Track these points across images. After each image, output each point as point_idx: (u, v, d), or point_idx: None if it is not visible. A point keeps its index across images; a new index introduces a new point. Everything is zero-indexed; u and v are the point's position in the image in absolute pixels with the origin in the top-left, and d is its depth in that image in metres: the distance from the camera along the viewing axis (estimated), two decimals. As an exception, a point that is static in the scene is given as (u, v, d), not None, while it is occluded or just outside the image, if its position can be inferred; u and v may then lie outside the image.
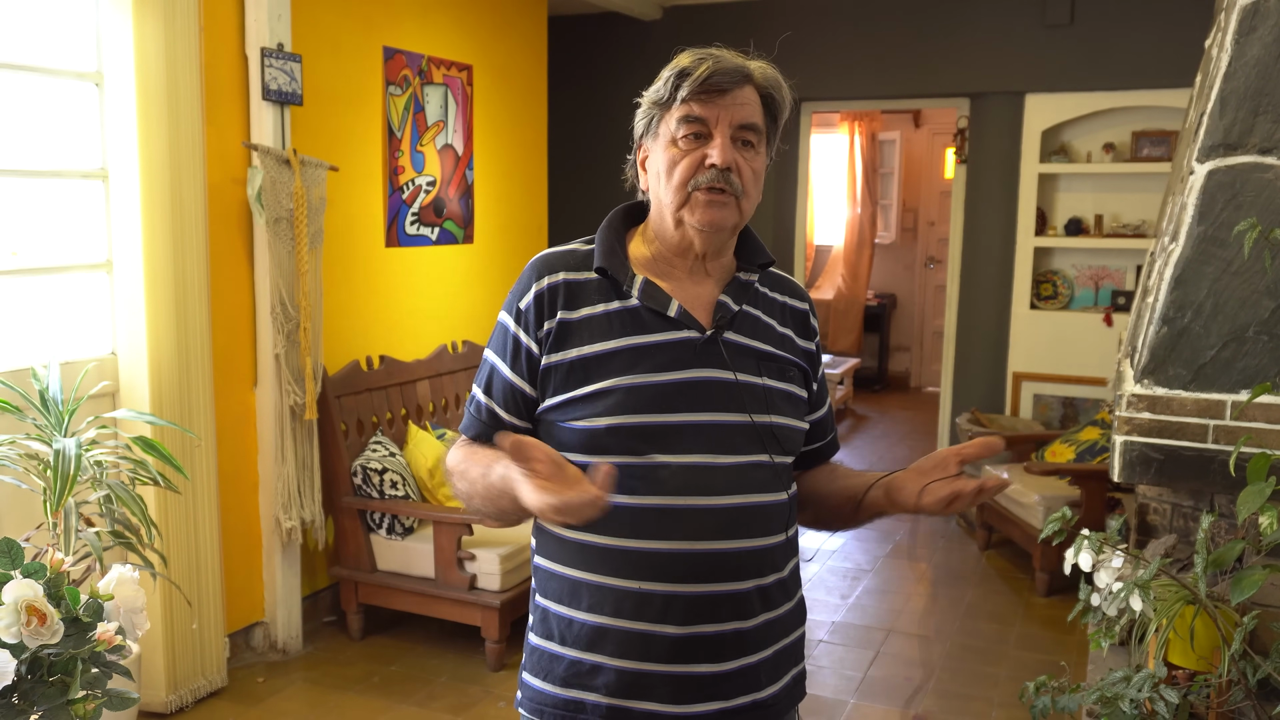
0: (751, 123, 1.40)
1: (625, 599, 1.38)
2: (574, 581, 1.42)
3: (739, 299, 1.47)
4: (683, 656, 1.38)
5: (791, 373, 1.49)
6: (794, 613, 1.51)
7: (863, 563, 4.91)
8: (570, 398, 1.40)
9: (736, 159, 1.39)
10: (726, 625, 1.39)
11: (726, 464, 1.39)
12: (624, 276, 1.44)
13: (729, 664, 1.40)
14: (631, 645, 1.39)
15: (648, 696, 1.39)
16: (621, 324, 1.41)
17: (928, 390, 9.28)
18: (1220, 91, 2.44)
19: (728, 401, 1.40)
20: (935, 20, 5.57)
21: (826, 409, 1.62)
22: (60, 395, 2.62)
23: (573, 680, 1.42)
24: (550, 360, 1.41)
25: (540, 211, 5.47)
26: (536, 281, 1.45)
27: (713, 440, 1.39)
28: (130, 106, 3.10)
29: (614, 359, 1.39)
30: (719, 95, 1.38)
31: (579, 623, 1.42)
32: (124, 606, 1.94)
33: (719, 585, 1.38)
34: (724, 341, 1.43)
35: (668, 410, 1.38)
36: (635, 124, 1.46)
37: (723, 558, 1.38)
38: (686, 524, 1.36)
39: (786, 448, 1.47)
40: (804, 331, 1.55)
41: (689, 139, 1.39)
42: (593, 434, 1.38)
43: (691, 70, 1.38)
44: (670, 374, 1.39)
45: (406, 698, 3.48)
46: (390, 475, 3.83)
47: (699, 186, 1.39)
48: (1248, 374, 2.36)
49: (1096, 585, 2.17)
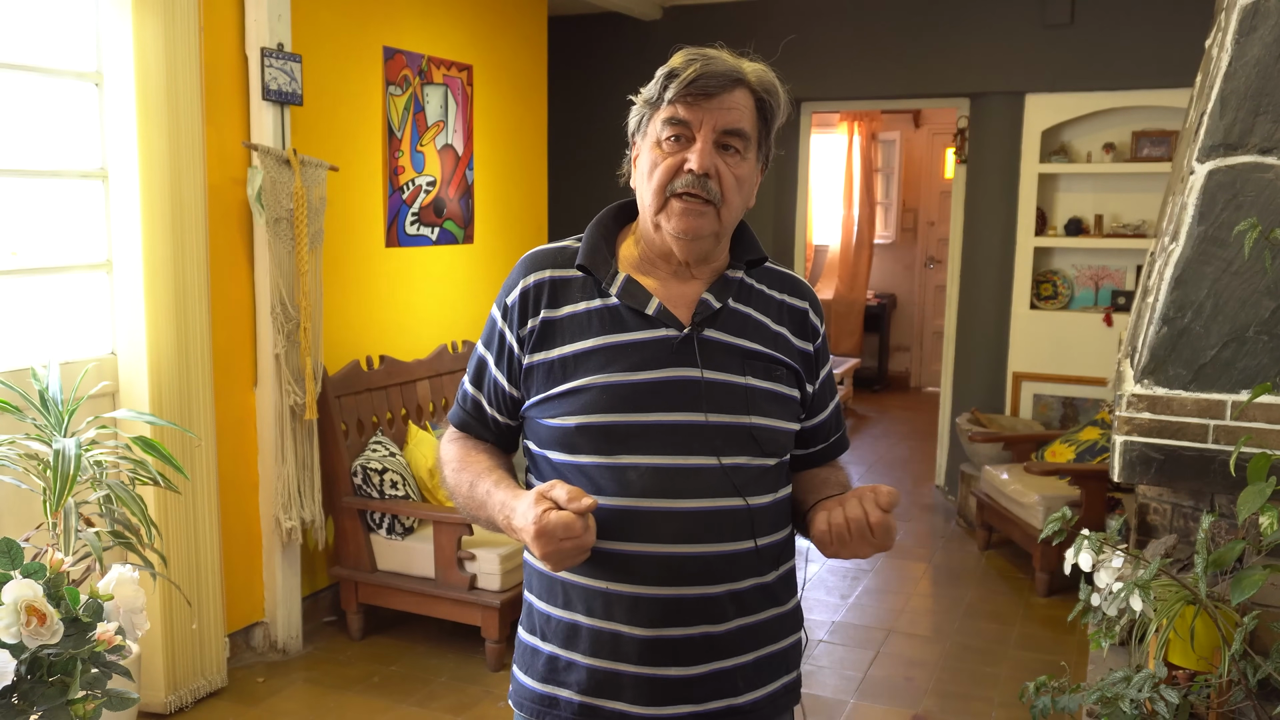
0: (737, 128, 1.37)
1: (595, 598, 1.39)
2: (553, 579, 1.43)
3: (723, 295, 1.44)
4: (651, 658, 1.38)
5: (779, 372, 1.45)
6: (782, 620, 1.48)
7: (863, 563, 4.91)
8: (548, 395, 1.41)
9: (717, 165, 1.36)
10: (694, 629, 1.38)
11: (695, 466, 1.37)
12: (605, 274, 1.42)
13: (699, 668, 1.39)
14: (602, 644, 1.39)
15: (618, 696, 1.39)
16: (601, 322, 1.41)
17: (928, 390, 9.28)
18: (1220, 91, 2.44)
19: (695, 402, 1.38)
20: (935, 20, 5.56)
21: (829, 412, 1.57)
22: (60, 395, 2.62)
23: (549, 676, 1.44)
24: (532, 360, 1.43)
25: (540, 211, 5.47)
26: (523, 279, 1.45)
27: (679, 442, 1.36)
28: (130, 106, 3.09)
29: (591, 357, 1.39)
30: (705, 98, 1.35)
31: (556, 619, 1.43)
32: (124, 606, 1.94)
33: (687, 589, 1.37)
34: (700, 340, 1.40)
35: (638, 410, 1.37)
36: (629, 121, 1.45)
37: (688, 561, 1.36)
38: (653, 526, 1.35)
39: (768, 449, 1.42)
40: (801, 331, 1.50)
41: (671, 141, 1.37)
42: (564, 432, 1.38)
43: (680, 71, 1.35)
44: (644, 373, 1.38)
45: (406, 698, 3.48)
46: (390, 475, 3.83)
47: (675, 192, 1.36)
48: (1248, 374, 2.36)
49: (1096, 585, 2.17)
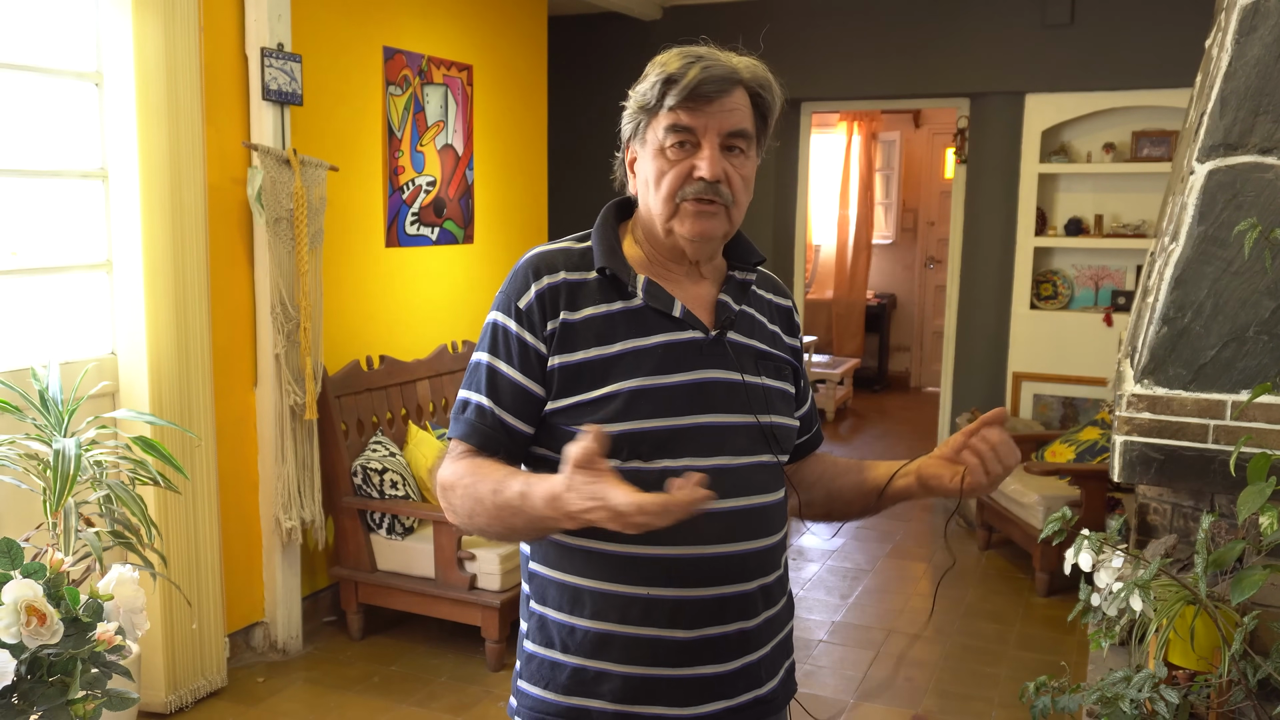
0: (741, 129, 1.36)
1: (632, 605, 1.36)
2: (575, 588, 1.39)
3: (739, 299, 1.46)
4: (690, 659, 1.37)
5: (785, 371, 1.50)
6: (787, 607, 1.53)
7: (862, 563, 4.91)
8: (577, 401, 1.36)
9: (726, 168, 1.35)
10: (732, 626, 1.39)
11: (734, 465, 1.38)
12: (627, 276, 1.40)
13: (733, 663, 1.40)
14: (639, 651, 1.37)
15: (655, 700, 1.38)
16: (626, 325, 1.38)
17: (928, 390, 9.28)
18: (1220, 91, 2.44)
19: (733, 402, 1.40)
20: (935, 20, 5.56)
21: (810, 403, 1.63)
22: (60, 395, 2.62)
23: (576, 688, 1.40)
24: (556, 362, 1.36)
25: (540, 211, 5.47)
26: (535, 281, 1.39)
27: (720, 442, 1.37)
28: (130, 106, 3.09)
29: (620, 361, 1.36)
30: (707, 103, 1.33)
31: (581, 630, 1.39)
32: (124, 606, 1.94)
33: (727, 587, 1.38)
34: (729, 342, 1.42)
35: (676, 413, 1.36)
36: (622, 126, 1.43)
37: (731, 560, 1.38)
38: (696, 528, 1.32)
39: (784, 446, 1.48)
40: (789, 328, 1.55)
41: (676, 148, 1.35)
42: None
43: (679, 77, 1.33)
44: (677, 375, 1.37)
45: (406, 698, 3.48)
46: (390, 475, 3.83)
47: (687, 198, 1.36)
48: (1248, 374, 2.36)
49: (1096, 585, 2.17)
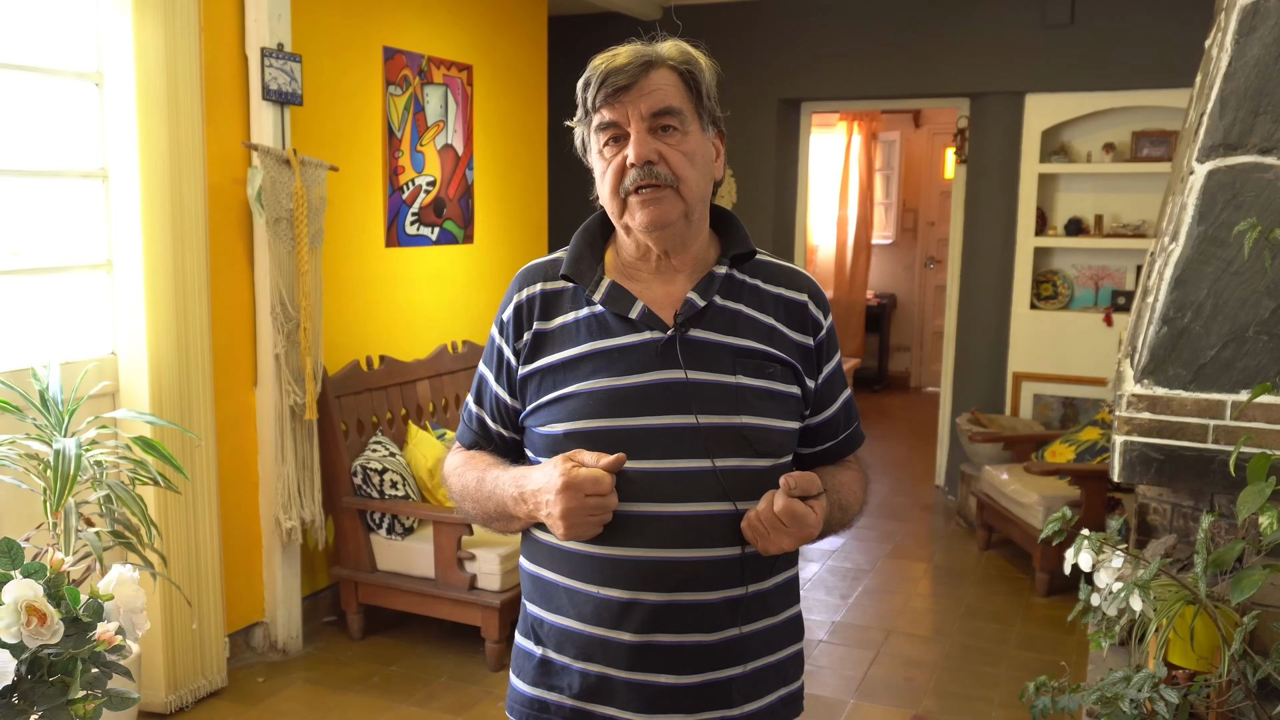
0: (665, 106, 1.37)
1: (587, 603, 1.38)
2: (548, 583, 1.44)
3: (708, 293, 1.42)
4: (641, 664, 1.37)
5: (772, 369, 1.41)
6: (783, 629, 1.46)
7: (862, 563, 4.91)
8: (540, 404, 1.42)
9: (658, 148, 1.37)
10: (686, 636, 1.36)
11: (681, 469, 1.35)
12: (588, 282, 1.43)
13: (692, 677, 1.37)
14: (592, 649, 1.39)
15: (609, 702, 1.39)
16: (589, 329, 1.41)
17: (928, 390, 9.28)
18: (1220, 91, 2.44)
19: (683, 404, 1.36)
20: (935, 20, 5.56)
21: (837, 407, 1.53)
22: (60, 395, 2.62)
23: (541, 680, 1.45)
24: (525, 370, 1.44)
25: (540, 211, 5.47)
26: (517, 294, 1.48)
27: (668, 445, 1.35)
28: (130, 106, 3.09)
29: (580, 364, 1.40)
30: (624, 92, 1.37)
31: (549, 624, 1.43)
32: (124, 606, 1.94)
33: (680, 595, 1.35)
34: (685, 340, 1.39)
35: (627, 415, 1.36)
36: (576, 147, 1.47)
37: (681, 566, 1.35)
38: (640, 530, 1.34)
39: (761, 450, 1.38)
40: (800, 324, 1.46)
41: (610, 145, 1.39)
42: (555, 439, 1.39)
43: (592, 77, 1.38)
44: (631, 378, 1.37)
45: (406, 698, 3.48)
46: (390, 475, 3.83)
47: (629, 190, 1.37)
48: (1248, 374, 2.36)
49: (1096, 585, 2.17)
